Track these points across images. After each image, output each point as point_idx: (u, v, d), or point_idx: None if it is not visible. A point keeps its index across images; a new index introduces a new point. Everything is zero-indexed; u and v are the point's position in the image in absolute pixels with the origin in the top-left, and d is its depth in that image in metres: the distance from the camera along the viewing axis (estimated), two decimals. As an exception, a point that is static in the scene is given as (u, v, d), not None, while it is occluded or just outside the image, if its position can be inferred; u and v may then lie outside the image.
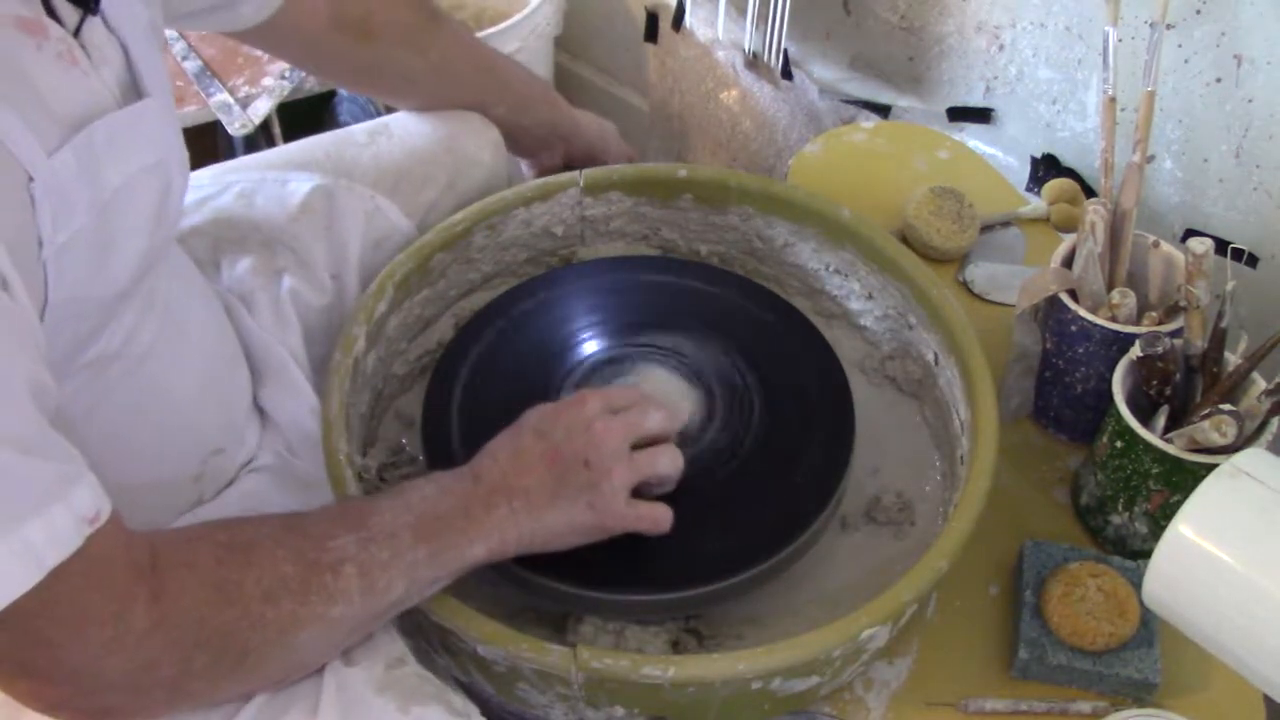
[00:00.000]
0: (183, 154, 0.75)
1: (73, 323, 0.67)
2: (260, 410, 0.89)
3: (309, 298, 0.91)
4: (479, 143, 1.02)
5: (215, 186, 0.94)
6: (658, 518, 0.78)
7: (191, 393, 0.81)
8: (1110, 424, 0.86)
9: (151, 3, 0.74)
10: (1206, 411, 0.81)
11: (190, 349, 0.81)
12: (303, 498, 0.85)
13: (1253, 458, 0.63)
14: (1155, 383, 0.85)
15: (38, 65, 0.62)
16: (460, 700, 0.72)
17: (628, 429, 0.77)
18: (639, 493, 0.78)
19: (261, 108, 1.43)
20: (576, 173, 1.00)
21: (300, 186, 0.93)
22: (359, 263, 0.94)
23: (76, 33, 0.66)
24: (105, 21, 0.68)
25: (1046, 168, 1.23)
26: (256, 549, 0.65)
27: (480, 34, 1.55)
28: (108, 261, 0.68)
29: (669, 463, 0.79)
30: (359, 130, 1.00)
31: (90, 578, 0.58)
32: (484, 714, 0.84)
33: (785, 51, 1.37)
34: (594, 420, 0.76)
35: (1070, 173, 1.21)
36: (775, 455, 0.86)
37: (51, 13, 0.64)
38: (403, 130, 1.00)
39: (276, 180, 0.94)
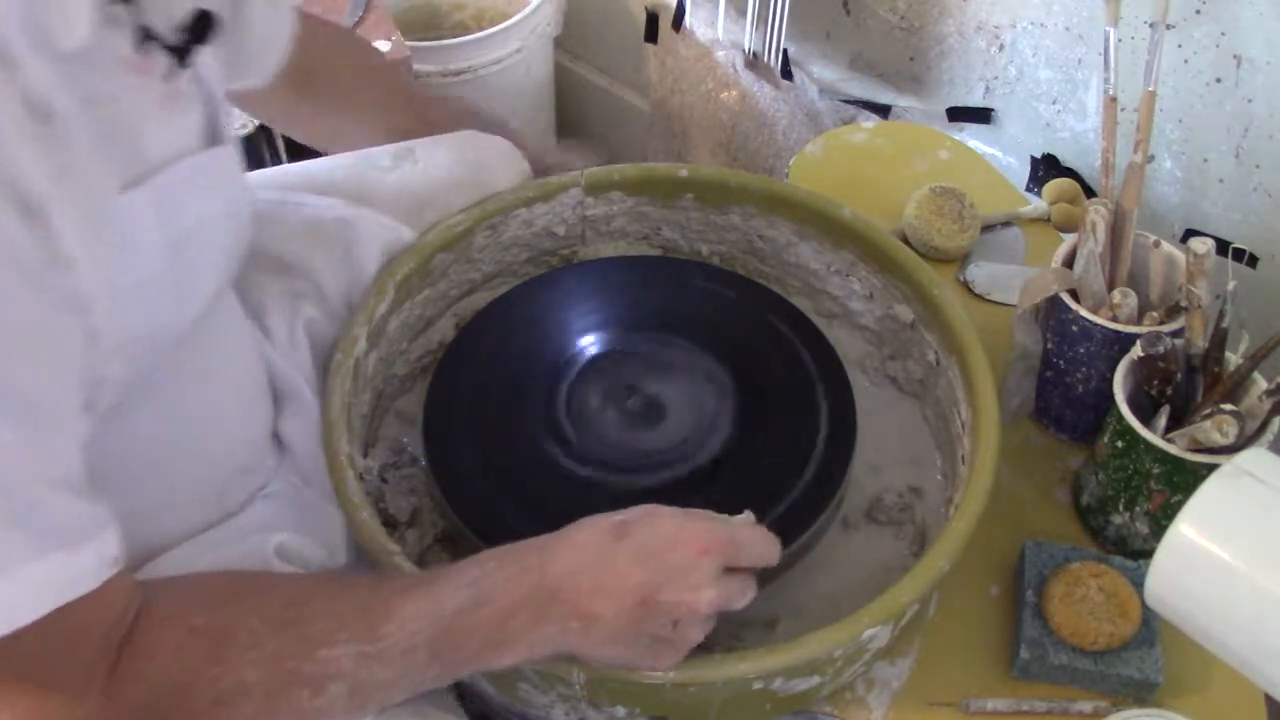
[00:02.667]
0: (252, 196, 0.77)
1: (147, 357, 0.67)
2: (277, 438, 0.87)
3: (325, 327, 0.90)
4: (507, 172, 0.99)
5: None
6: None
7: (217, 411, 0.79)
8: (1111, 424, 0.86)
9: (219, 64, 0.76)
10: (1208, 411, 0.81)
11: (218, 368, 0.79)
12: (309, 523, 0.83)
13: (1254, 457, 0.63)
14: (1156, 383, 0.85)
15: (138, 105, 0.63)
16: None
17: (727, 601, 0.70)
18: None
19: (261, 108, 1.43)
20: (578, 173, 1.00)
21: (319, 214, 0.91)
22: None
23: (169, 77, 0.66)
24: (195, 71, 0.69)
25: (1046, 168, 1.24)
26: (227, 644, 0.60)
27: (480, 34, 1.56)
28: (183, 299, 0.69)
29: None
30: (382, 153, 0.97)
31: (66, 644, 0.57)
32: (485, 714, 0.84)
33: (785, 51, 1.37)
34: (705, 587, 0.68)
35: (1070, 173, 1.22)
36: (776, 455, 0.86)
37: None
38: (428, 156, 0.97)
39: (295, 204, 0.92)
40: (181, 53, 0.65)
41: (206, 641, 0.60)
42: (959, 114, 1.29)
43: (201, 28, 0.67)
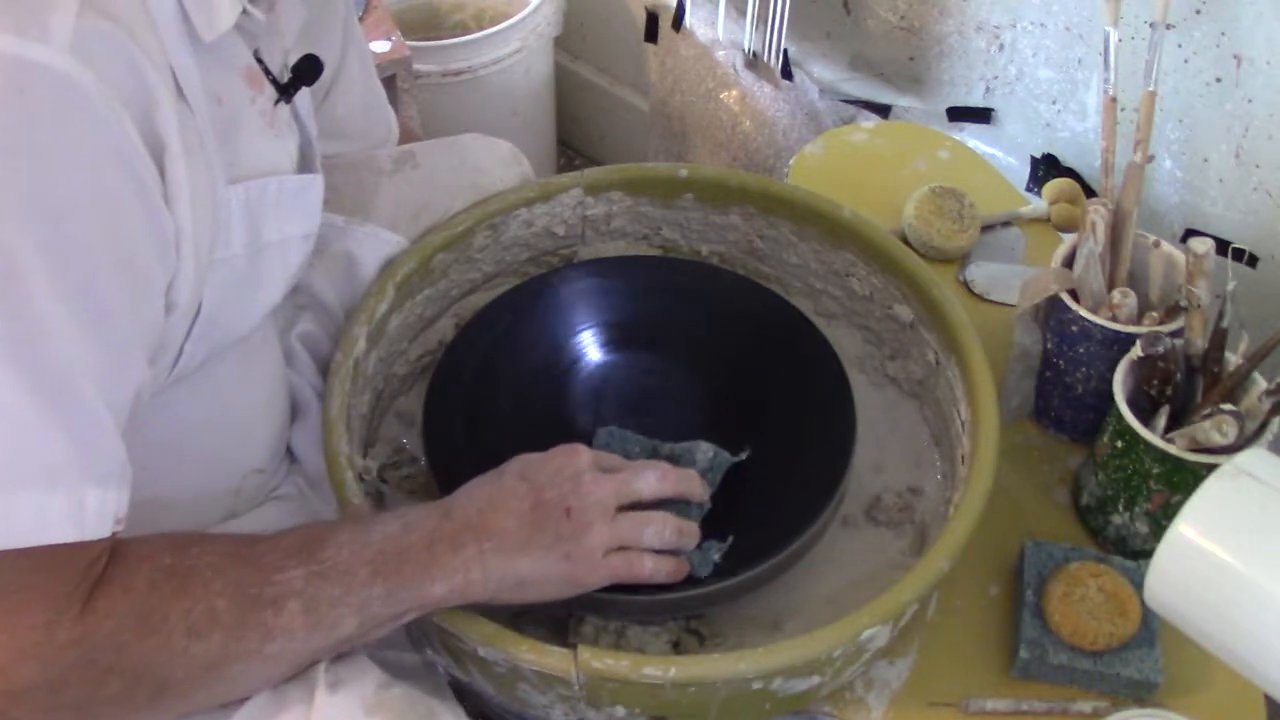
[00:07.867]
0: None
1: (205, 343, 0.72)
2: (288, 447, 0.91)
3: (323, 342, 0.92)
4: (505, 176, 1.00)
5: None
6: (637, 570, 0.75)
7: (250, 408, 0.83)
8: (1111, 424, 0.86)
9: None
10: (1207, 411, 0.81)
11: (254, 365, 0.83)
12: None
13: (1253, 457, 0.63)
14: (1156, 383, 0.85)
15: (247, 115, 0.71)
16: (449, 717, 0.72)
17: (617, 486, 0.75)
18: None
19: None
20: (578, 173, 1.00)
21: (322, 231, 0.91)
22: None
23: (275, 102, 0.75)
24: (294, 108, 0.78)
25: (1046, 168, 1.24)
26: (193, 578, 0.64)
27: (480, 34, 1.56)
28: (249, 303, 0.75)
29: (655, 534, 0.76)
30: (384, 157, 0.98)
31: (53, 572, 0.60)
32: (484, 714, 0.84)
33: (785, 51, 1.37)
34: (583, 472, 0.75)
35: (1070, 173, 1.22)
36: (776, 455, 0.86)
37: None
38: (428, 161, 0.98)
39: None
40: (287, 89, 0.75)
41: (175, 577, 0.64)
42: (959, 114, 1.29)
43: (310, 69, 0.77)
